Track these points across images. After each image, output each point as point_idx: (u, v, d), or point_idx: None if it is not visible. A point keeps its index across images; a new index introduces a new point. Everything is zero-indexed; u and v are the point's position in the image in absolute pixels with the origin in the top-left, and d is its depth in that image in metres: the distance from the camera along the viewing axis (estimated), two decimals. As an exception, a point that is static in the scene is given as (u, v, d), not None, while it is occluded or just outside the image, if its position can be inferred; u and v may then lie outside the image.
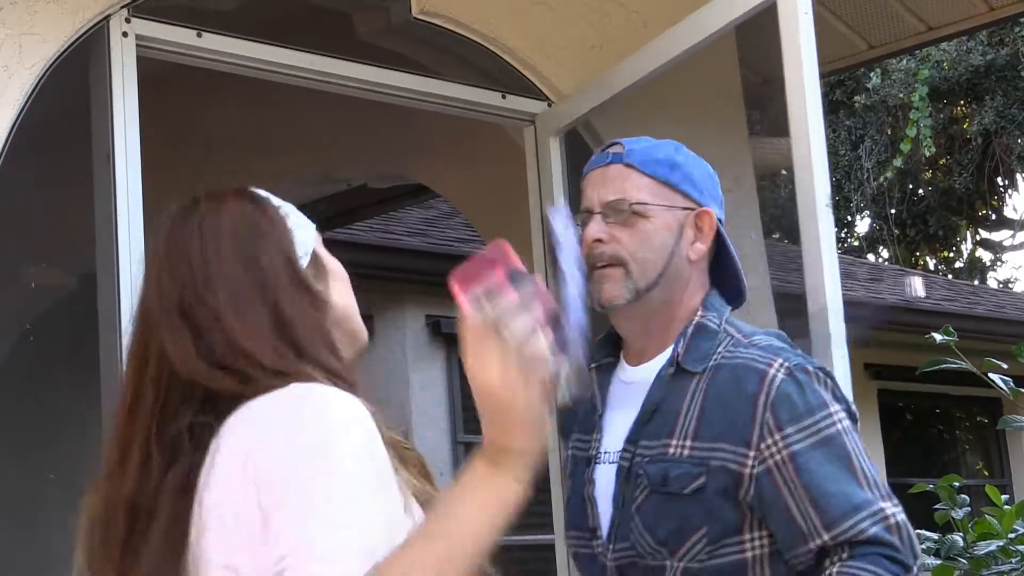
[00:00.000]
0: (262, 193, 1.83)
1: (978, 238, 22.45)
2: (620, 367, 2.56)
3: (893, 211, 19.63)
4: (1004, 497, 3.91)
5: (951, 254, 22.49)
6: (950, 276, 19.89)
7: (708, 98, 4.51)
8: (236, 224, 1.75)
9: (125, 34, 3.40)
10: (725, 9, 3.50)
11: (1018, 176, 20.83)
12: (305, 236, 1.81)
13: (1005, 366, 3.63)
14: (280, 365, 1.66)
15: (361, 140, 5.77)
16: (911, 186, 20.40)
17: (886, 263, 18.82)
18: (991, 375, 3.59)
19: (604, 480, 2.47)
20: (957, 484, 3.82)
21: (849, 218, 20.93)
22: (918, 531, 2.69)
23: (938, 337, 3.61)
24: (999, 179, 20.63)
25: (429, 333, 8.79)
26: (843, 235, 21.36)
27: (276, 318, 1.70)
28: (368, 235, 8.49)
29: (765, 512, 2.31)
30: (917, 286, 12.37)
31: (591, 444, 2.53)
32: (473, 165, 5.50)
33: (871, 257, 20.40)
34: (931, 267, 21.81)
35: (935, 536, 3.83)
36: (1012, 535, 3.65)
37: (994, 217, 22.01)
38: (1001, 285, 21.27)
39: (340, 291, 1.84)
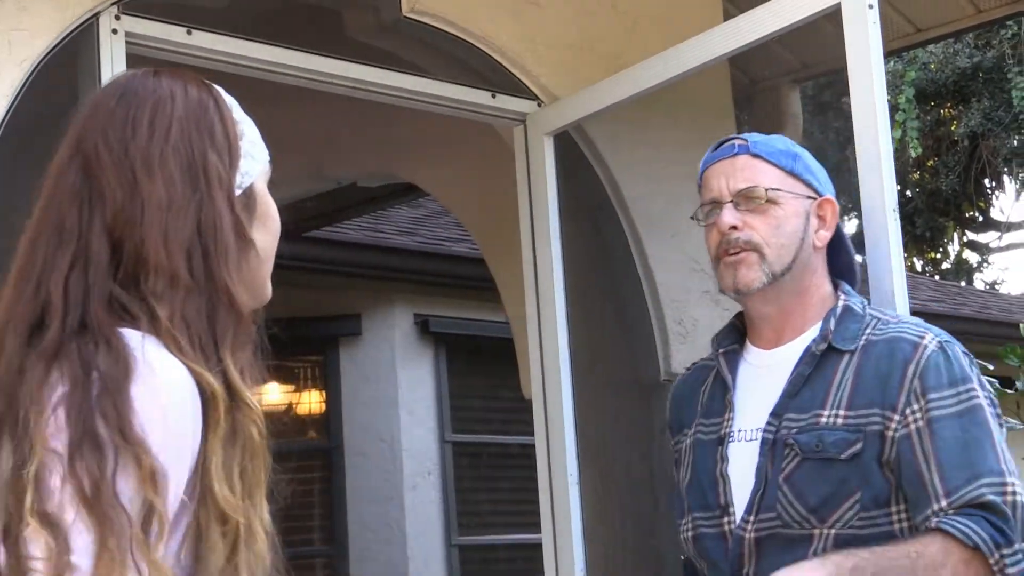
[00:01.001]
0: (227, 98, 1.71)
1: (965, 240, 22.49)
2: (748, 351, 2.62)
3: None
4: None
5: (938, 255, 22.52)
6: (937, 277, 19.92)
7: (699, 99, 4.52)
8: (191, 121, 1.62)
9: (115, 31, 3.39)
10: (735, 34, 3.52)
11: (1005, 178, 20.87)
12: (250, 166, 1.68)
13: (991, 367, 3.65)
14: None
15: (351, 139, 5.78)
16: (898, 188, 20.42)
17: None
18: (978, 376, 3.60)
19: (742, 456, 2.50)
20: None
21: (842, 217, 20.94)
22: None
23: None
24: (986, 181, 20.67)
25: (418, 332, 8.79)
26: (831, 236, 21.36)
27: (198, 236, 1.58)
28: (357, 234, 8.49)
29: (900, 476, 2.36)
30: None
31: (721, 425, 2.57)
32: (462, 164, 5.51)
33: (859, 259, 20.39)
34: (918, 268, 21.85)
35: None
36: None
37: (981, 219, 22.04)
38: (988, 286, 21.31)
39: (264, 240, 1.71)
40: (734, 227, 2.53)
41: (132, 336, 1.49)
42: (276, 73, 3.75)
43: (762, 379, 2.55)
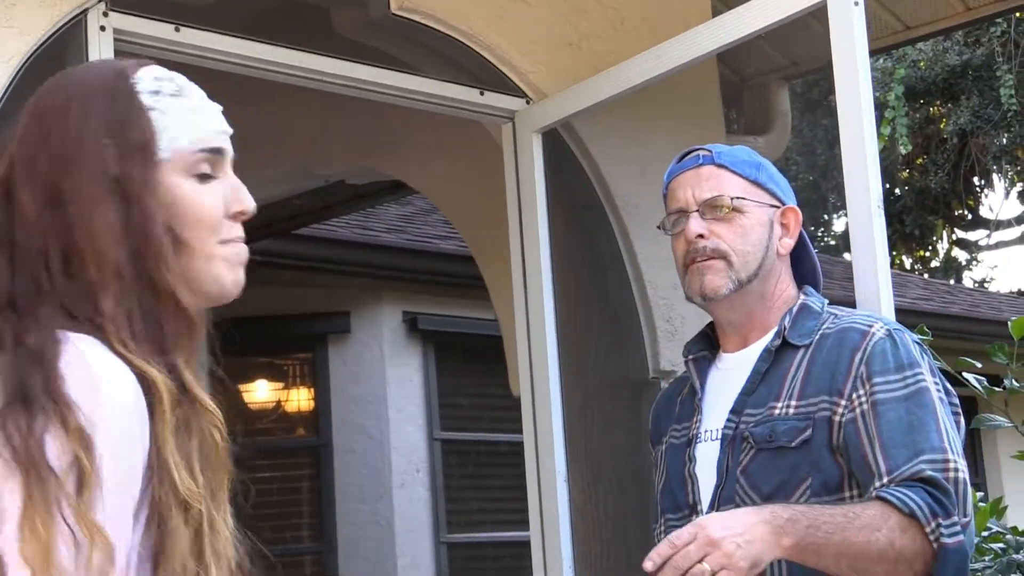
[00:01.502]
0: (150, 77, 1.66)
1: (954, 238, 22.52)
2: (718, 358, 2.69)
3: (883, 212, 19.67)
4: (979, 495, 3.93)
5: (927, 253, 22.55)
6: (926, 275, 19.95)
7: (687, 96, 4.52)
8: (97, 119, 1.60)
9: (103, 28, 3.39)
10: (722, 31, 3.53)
11: (994, 176, 20.91)
12: (169, 153, 1.62)
13: (979, 365, 3.64)
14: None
15: (339, 136, 5.77)
16: (887, 185, 20.45)
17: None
18: (965, 374, 3.60)
19: (706, 455, 2.57)
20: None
21: (826, 217, 21.00)
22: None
23: (916, 336, 3.62)
24: (975, 179, 20.70)
25: (406, 329, 8.78)
26: (820, 234, 21.42)
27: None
28: (346, 231, 8.48)
29: (849, 460, 2.41)
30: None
31: (690, 428, 2.63)
32: (451, 162, 5.51)
33: (847, 256, 20.44)
34: (907, 266, 21.88)
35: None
36: (986, 533, 3.67)
37: (970, 217, 22.08)
38: (977, 285, 21.35)
39: (193, 234, 1.62)
40: (701, 235, 2.59)
41: (64, 334, 1.49)
42: (264, 70, 3.75)
43: (728, 381, 2.62)
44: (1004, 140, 18.85)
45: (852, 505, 2.35)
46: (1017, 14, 16.19)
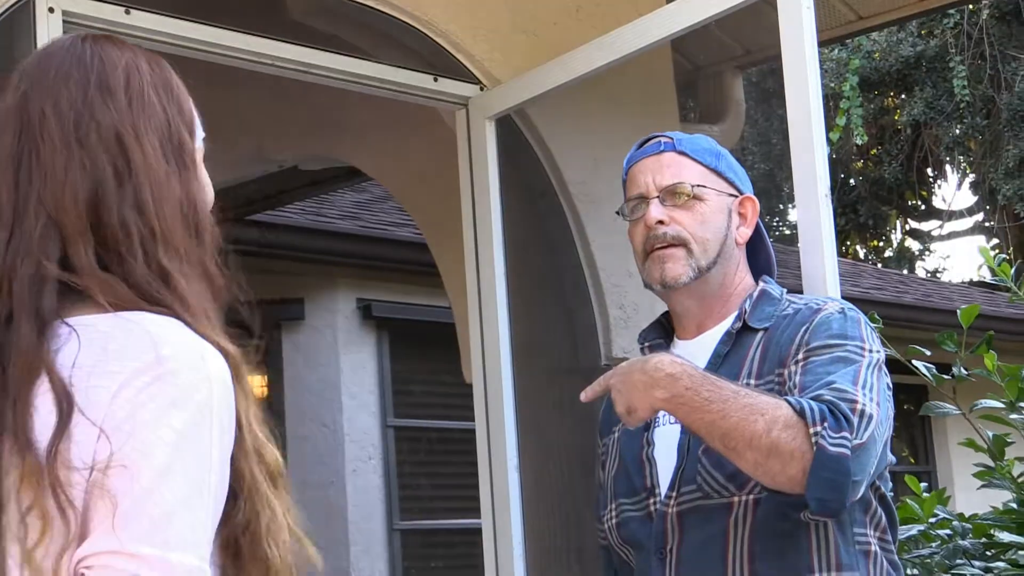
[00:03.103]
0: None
1: (907, 228, 22.66)
2: (674, 345, 2.69)
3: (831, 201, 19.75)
4: (923, 485, 3.95)
5: (881, 243, 22.68)
6: (880, 265, 20.07)
7: (641, 84, 4.52)
8: (162, 91, 1.62)
9: (51, 10, 3.35)
10: (673, 18, 3.53)
11: (947, 167, 21.04)
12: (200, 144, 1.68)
13: (928, 353, 3.67)
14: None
15: (292, 121, 5.75)
16: (842, 176, 20.56)
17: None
18: (915, 362, 3.63)
19: (666, 439, 2.56)
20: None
21: (781, 207, 21.08)
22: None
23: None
24: (928, 170, 20.83)
25: (360, 316, 8.76)
26: (775, 223, 21.50)
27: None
28: (300, 217, 8.45)
29: None
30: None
31: None
32: (405, 148, 5.49)
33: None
34: (861, 256, 21.99)
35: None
36: (933, 520, 3.69)
37: (923, 207, 22.22)
38: (929, 274, 21.49)
39: None
40: (661, 222, 2.59)
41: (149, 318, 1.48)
42: (216, 54, 3.72)
43: None
44: (957, 131, 18.96)
45: (752, 390, 2.36)
46: (970, 6, 16.29)
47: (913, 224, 22.68)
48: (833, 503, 2.27)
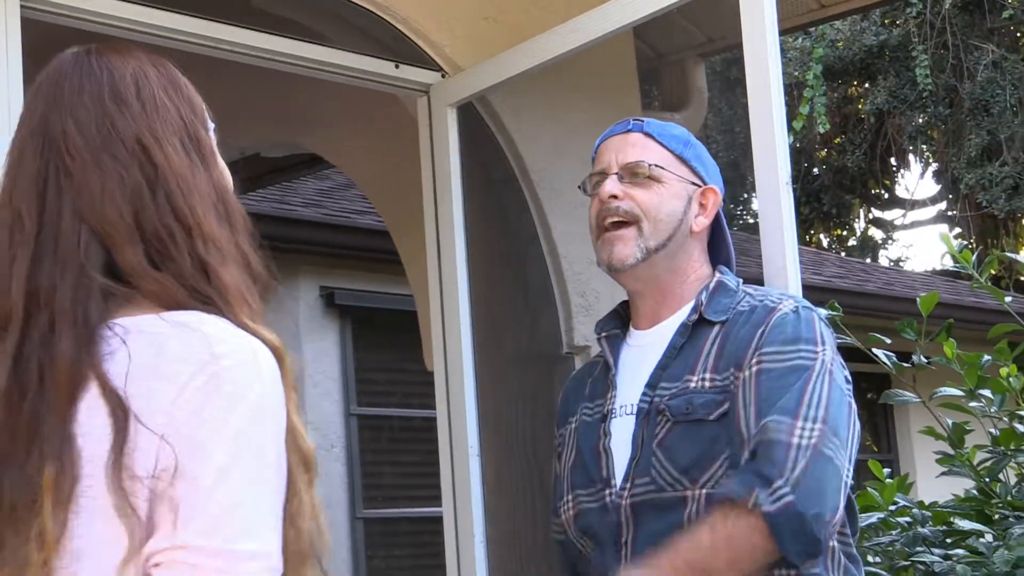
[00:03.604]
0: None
1: (871, 217, 22.77)
2: (630, 334, 2.69)
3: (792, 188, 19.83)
4: (886, 471, 3.97)
5: (844, 232, 22.78)
6: (843, 254, 20.16)
7: (603, 72, 4.51)
8: (172, 92, 1.67)
9: (9, -5, 3.32)
10: (635, 5, 3.51)
11: (910, 156, 21.14)
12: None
13: (889, 341, 3.68)
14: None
15: (253, 108, 5.71)
16: (805, 165, 20.63)
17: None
18: (875, 350, 3.64)
19: (622, 430, 2.56)
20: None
21: (745, 195, 21.13)
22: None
23: (824, 312, 3.65)
24: (891, 159, 20.92)
25: (323, 304, 8.74)
26: (739, 212, 21.56)
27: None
28: (263, 205, 8.41)
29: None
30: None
31: (604, 404, 2.62)
32: (367, 135, 5.46)
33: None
34: (825, 245, 22.08)
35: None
36: (893, 507, 3.71)
37: (886, 196, 22.33)
38: (892, 263, 21.59)
39: None
40: (615, 196, 2.61)
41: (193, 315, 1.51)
42: (177, 40, 3.69)
43: (642, 357, 2.61)
44: (920, 120, 19.06)
45: (696, 533, 2.35)
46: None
47: (876, 213, 22.79)
48: (811, 547, 2.31)
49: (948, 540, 3.54)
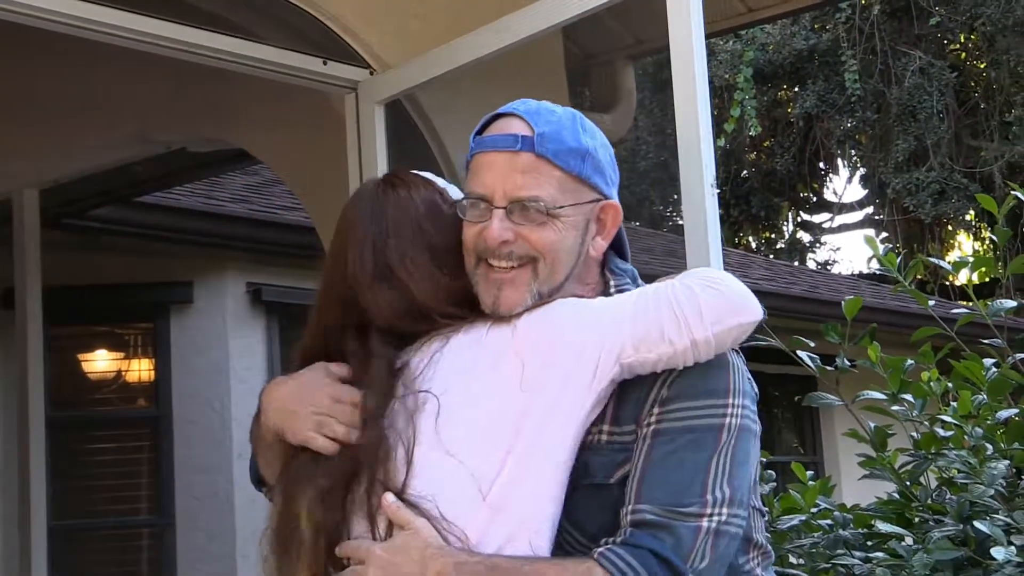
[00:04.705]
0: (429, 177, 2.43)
1: (799, 220, 22.94)
2: None
3: (717, 191, 19.95)
4: (809, 473, 3.99)
5: (773, 235, 22.94)
6: (772, 257, 20.29)
7: (533, 71, 4.50)
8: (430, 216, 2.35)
9: (-70, -17, 3.27)
10: (564, 5, 3.51)
11: (838, 160, 21.31)
12: None
13: (812, 344, 3.70)
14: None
15: (177, 102, 5.65)
16: (735, 167, 20.75)
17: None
18: (799, 352, 3.65)
19: None
20: (764, 460, 3.88)
21: (675, 196, 21.21)
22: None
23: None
24: (820, 163, 21.09)
25: (250, 300, 8.67)
26: (669, 213, 21.66)
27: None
28: (190, 200, 8.34)
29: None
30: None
31: None
32: (293, 131, 5.43)
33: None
34: (754, 247, 22.22)
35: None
36: (815, 509, 3.72)
37: (815, 200, 22.50)
38: (820, 266, 21.77)
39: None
40: (506, 242, 2.25)
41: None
42: (97, 32, 3.64)
43: None
44: (848, 125, 19.22)
45: (562, 564, 2.07)
46: (861, 0, 16.49)
47: (804, 216, 22.96)
48: None
49: (869, 543, 3.56)
